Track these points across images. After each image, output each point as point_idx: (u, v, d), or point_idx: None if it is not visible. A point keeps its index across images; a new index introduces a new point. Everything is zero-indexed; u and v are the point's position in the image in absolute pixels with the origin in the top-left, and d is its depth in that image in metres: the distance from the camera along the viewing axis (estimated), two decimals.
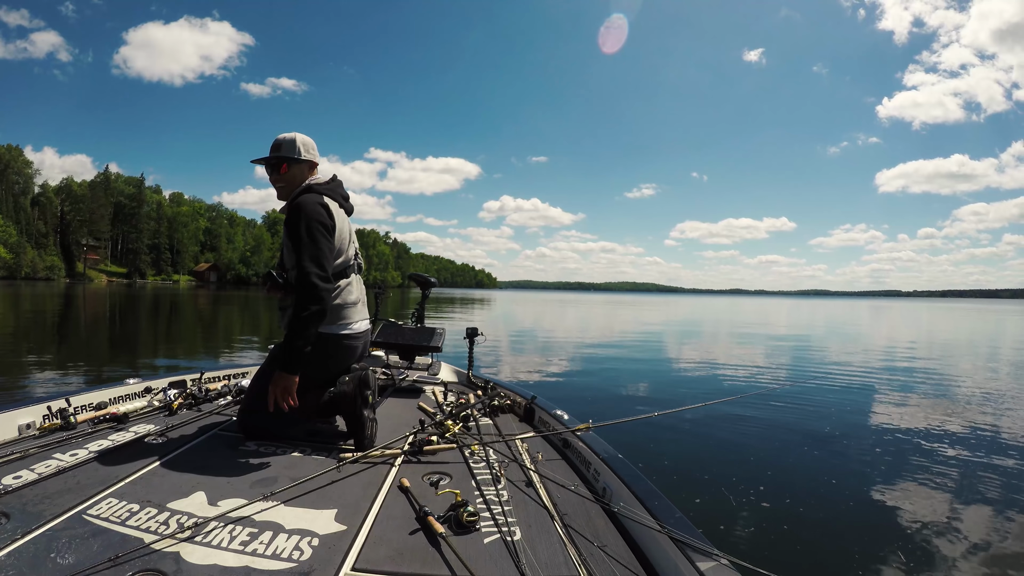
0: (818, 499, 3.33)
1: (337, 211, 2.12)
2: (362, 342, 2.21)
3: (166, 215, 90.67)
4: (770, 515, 3.03)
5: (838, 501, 3.29)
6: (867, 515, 3.09)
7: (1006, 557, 2.62)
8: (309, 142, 2.19)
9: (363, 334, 2.21)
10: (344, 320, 2.11)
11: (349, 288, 2.14)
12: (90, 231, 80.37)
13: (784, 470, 3.90)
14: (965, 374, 9.09)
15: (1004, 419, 5.63)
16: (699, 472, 3.75)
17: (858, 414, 5.77)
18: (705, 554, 1.19)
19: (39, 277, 67.38)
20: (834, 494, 3.41)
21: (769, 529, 2.87)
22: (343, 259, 2.13)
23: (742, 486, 3.46)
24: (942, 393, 7.16)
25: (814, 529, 2.93)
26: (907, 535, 2.82)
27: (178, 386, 2.63)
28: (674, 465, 3.86)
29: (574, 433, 2.02)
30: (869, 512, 3.12)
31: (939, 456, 4.20)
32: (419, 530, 1.35)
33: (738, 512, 3.03)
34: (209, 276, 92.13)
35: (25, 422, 1.97)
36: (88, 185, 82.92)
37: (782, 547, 2.70)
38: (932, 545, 2.72)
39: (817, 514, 3.11)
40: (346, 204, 2.24)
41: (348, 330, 2.12)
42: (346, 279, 2.14)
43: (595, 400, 6.25)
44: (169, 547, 1.21)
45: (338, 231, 2.08)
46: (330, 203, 2.09)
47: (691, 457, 4.09)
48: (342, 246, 2.11)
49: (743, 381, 7.92)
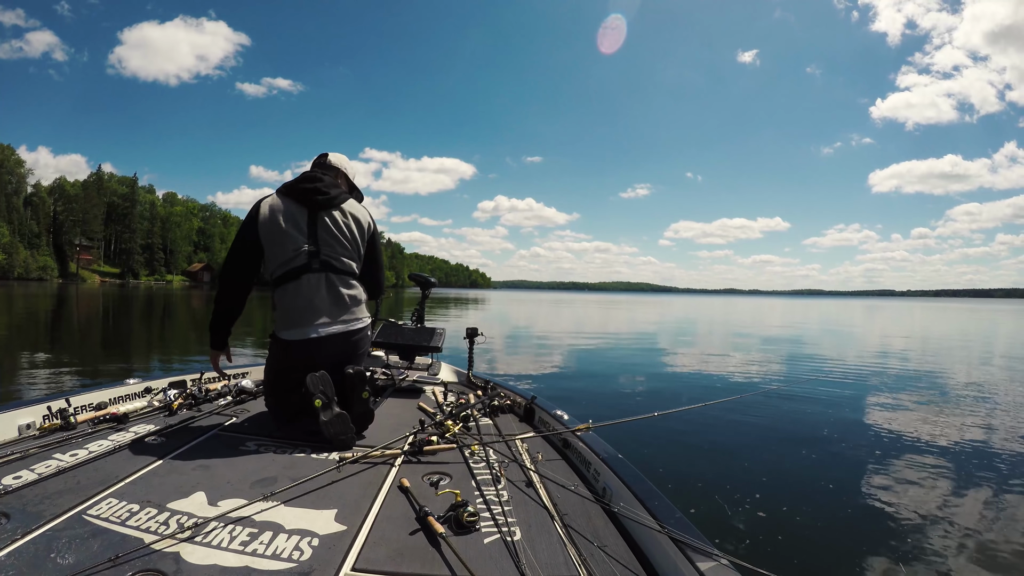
0: (818, 499, 3.34)
1: (271, 210, 2.07)
2: (310, 351, 2.05)
3: (159, 215, 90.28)
4: (770, 515, 3.03)
5: (838, 501, 3.30)
6: (867, 515, 3.10)
7: (1005, 555, 2.63)
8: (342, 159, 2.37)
9: (308, 342, 2.05)
10: (284, 326, 2.08)
11: (288, 292, 2.07)
12: (83, 231, 79.86)
13: (784, 470, 3.91)
14: (961, 373, 9.12)
15: (997, 418, 5.65)
16: (699, 472, 3.75)
17: (857, 413, 5.78)
18: (705, 554, 1.20)
19: (32, 278, 66.98)
20: (834, 494, 3.42)
21: (769, 529, 2.87)
22: (276, 262, 2.07)
23: (742, 486, 3.47)
24: (938, 392, 7.18)
25: (814, 529, 2.94)
26: (907, 535, 2.83)
27: (178, 386, 2.62)
28: (674, 465, 3.87)
29: (574, 433, 2.02)
30: (869, 512, 3.13)
31: (938, 456, 4.22)
32: (419, 530, 1.35)
33: (738, 512, 3.04)
34: (202, 276, 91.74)
35: (25, 422, 1.96)
36: (81, 185, 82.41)
37: (782, 547, 2.70)
38: (931, 544, 2.73)
39: (817, 514, 3.12)
40: (297, 193, 2.11)
41: (286, 335, 2.07)
42: (290, 282, 2.06)
43: (595, 400, 6.25)
44: (169, 547, 1.21)
45: (264, 234, 2.06)
46: (267, 203, 2.10)
47: (691, 457, 4.10)
48: (274, 249, 2.06)
49: (742, 381, 7.94)
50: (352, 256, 2.17)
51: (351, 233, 2.16)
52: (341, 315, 2.11)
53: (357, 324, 2.17)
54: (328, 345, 2.09)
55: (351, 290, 2.16)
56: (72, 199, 79.63)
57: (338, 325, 2.10)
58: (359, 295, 2.20)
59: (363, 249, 2.23)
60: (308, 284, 2.06)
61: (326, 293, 2.09)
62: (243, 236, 2.11)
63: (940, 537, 2.81)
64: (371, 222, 2.27)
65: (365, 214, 2.25)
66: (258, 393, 2.72)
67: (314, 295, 2.07)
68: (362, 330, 2.20)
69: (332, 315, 2.09)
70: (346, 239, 2.14)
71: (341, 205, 2.17)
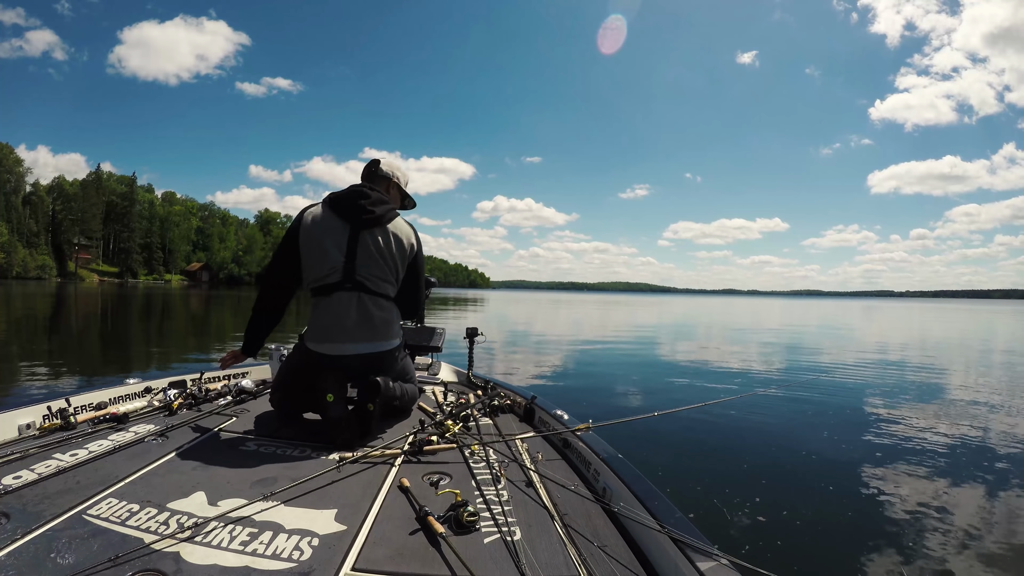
0: (818, 499, 3.34)
1: (313, 222, 2.08)
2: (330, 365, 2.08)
3: (158, 214, 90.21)
4: (770, 515, 3.03)
5: (838, 501, 3.30)
6: (867, 515, 3.10)
7: (1006, 555, 2.63)
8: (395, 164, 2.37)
9: (332, 358, 2.08)
10: (312, 338, 2.11)
11: (319, 307, 2.09)
12: (81, 230, 79.79)
13: (784, 470, 3.91)
14: (960, 374, 9.12)
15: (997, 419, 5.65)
16: (699, 472, 3.75)
17: (858, 414, 5.78)
18: (705, 554, 1.20)
19: (30, 277, 66.92)
20: (834, 494, 3.42)
21: (769, 529, 2.87)
22: (312, 274, 2.08)
23: (742, 486, 3.47)
24: (938, 393, 7.19)
25: (814, 529, 2.94)
26: (907, 535, 2.83)
27: (178, 386, 2.63)
28: (674, 465, 3.87)
29: (574, 433, 2.02)
30: (869, 512, 3.13)
31: (938, 456, 4.22)
32: (419, 530, 1.35)
33: (738, 512, 3.04)
34: (201, 276, 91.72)
35: (25, 422, 1.96)
36: (80, 184, 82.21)
37: (782, 547, 2.71)
38: (932, 544, 2.73)
39: (817, 514, 3.12)
40: (342, 208, 2.09)
41: (312, 347, 2.12)
42: (322, 297, 2.08)
43: (595, 400, 6.25)
44: (169, 547, 1.21)
45: (304, 246, 2.08)
46: (311, 214, 2.11)
47: (691, 457, 4.10)
48: (311, 261, 2.07)
49: (742, 381, 7.94)
50: (388, 278, 2.13)
51: (391, 254, 2.12)
52: (368, 336, 2.10)
53: (384, 346, 2.15)
54: (350, 363, 2.09)
55: (382, 312, 2.12)
56: (71, 198, 79.60)
57: (364, 345, 2.10)
58: (390, 317, 2.16)
59: (402, 272, 2.19)
60: (339, 302, 2.06)
61: (356, 313, 2.06)
62: (284, 244, 2.13)
63: (940, 537, 2.81)
64: (414, 244, 2.22)
65: (410, 234, 2.20)
66: (258, 393, 2.73)
67: (343, 314, 2.05)
68: (389, 352, 2.17)
69: (358, 336, 2.08)
70: (384, 260, 2.10)
71: (386, 224, 2.11)
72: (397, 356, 2.25)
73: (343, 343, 2.07)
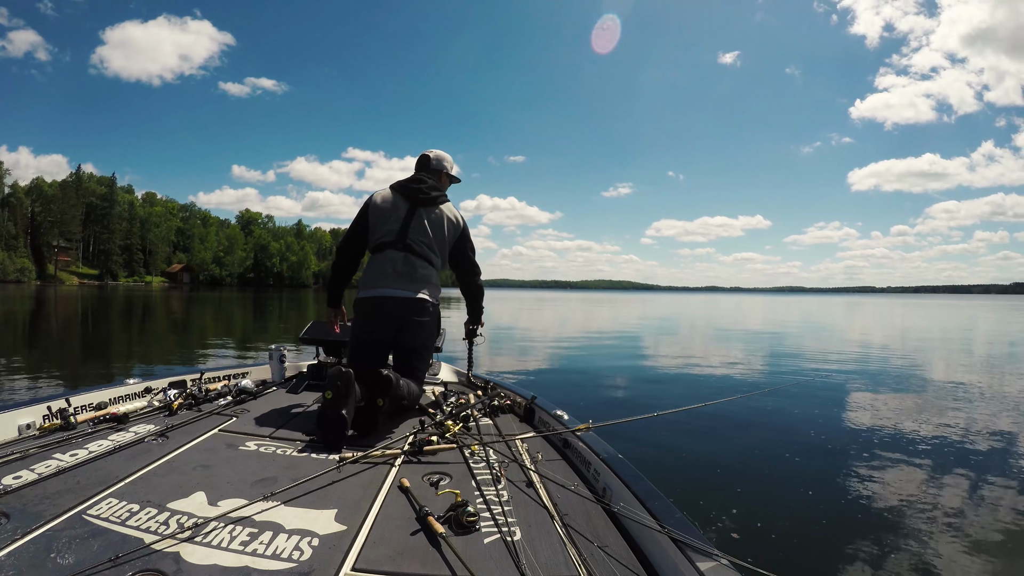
0: (818, 499, 3.34)
1: (382, 199, 2.57)
2: (375, 306, 2.48)
3: (138, 215, 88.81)
4: (770, 515, 3.03)
5: (838, 501, 3.30)
6: (867, 515, 3.09)
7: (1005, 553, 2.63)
8: (444, 157, 2.80)
9: (376, 299, 2.48)
10: (362, 287, 2.54)
11: (372, 260, 2.57)
12: (61, 232, 78.11)
13: (784, 470, 3.91)
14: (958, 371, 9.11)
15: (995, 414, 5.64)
16: (699, 472, 3.75)
17: (858, 413, 5.78)
18: (705, 554, 1.19)
19: (9, 280, 65.79)
20: (835, 494, 3.41)
21: (769, 529, 2.87)
22: (375, 236, 2.56)
23: (743, 486, 3.47)
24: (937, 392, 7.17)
25: (814, 529, 2.93)
26: (907, 534, 2.83)
27: (178, 386, 2.63)
28: (674, 465, 3.87)
29: (574, 433, 2.02)
30: (869, 512, 3.13)
31: (938, 455, 4.21)
32: (419, 530, 1.35)
33: (738, 512, 3.03)
34: (182, 277, 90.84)
35: (25, 422, 1.97)
36: (59, 185, 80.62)
37: (782, 547, 2.70)
38: (932, 543, 2.72)
39: (817, 514, 3.11)
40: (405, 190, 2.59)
41: (362, 294, 2.53)
42: (377, 253, 2.55)
43: (595, 400, 6.25)
44: (169, 547, 1.21)
45: (372, 214, 2.56)
46: (380, 193, 2.60)
47: (691, 457, 4.10)
48: (375, 226, 2.56)
49: (742, 381, 7.93)
50: (433, 247, 2.56)
51: (439, 228, 2.58)
52: (407, 286, 2.49)
53: (420, 294, 2.51)
54: (390, 304, 2.46)
55: (424, 270, 2.54)
56: (50, 200, 77.49)
57: (402, 291, 2.48)
58: (430, 276, 2.57)
59: (450, 245, 2.65)
60: (388, 257, 2.50)
61: (401, 266, 2.49)
62: (359, 215, 2.60)
63: (940, 536, 2.81)
64: (460, 221, 2.68)
65: (457, 216, 2.67)
66: (258, 393, 2.73)
67: (389, 266, 2.49)
68: (423, 301, 2.52)
69: (399, 284, 2.48)
70: (433, 232, 2.55)
71: (440, 206, 2.60)
72: (429, 307, 2.56)
73: (385, 288, 2.47)
